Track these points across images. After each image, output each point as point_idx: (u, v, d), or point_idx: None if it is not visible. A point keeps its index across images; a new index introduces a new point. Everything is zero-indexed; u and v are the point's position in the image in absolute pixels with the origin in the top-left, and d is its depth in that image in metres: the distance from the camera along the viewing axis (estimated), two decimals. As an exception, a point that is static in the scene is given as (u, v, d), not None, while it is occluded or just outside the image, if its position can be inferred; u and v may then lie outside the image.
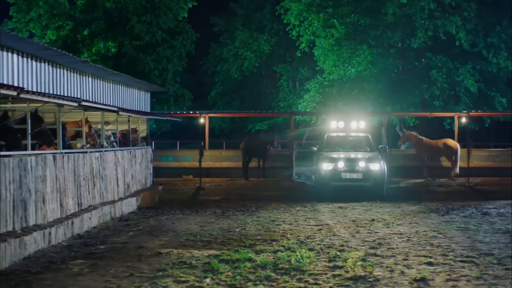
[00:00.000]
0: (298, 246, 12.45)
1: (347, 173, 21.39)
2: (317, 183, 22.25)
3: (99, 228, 15.45)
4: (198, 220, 16.81)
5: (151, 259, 11.35)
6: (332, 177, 21.51)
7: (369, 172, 21.44)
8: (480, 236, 13.85)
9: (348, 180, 21.43)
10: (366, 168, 21.44)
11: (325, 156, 22.24)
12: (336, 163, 21.59)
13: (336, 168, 21.51)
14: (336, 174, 21.47)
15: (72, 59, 16.28)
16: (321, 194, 21.51)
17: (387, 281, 9.58)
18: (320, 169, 21.81)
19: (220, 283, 9.55)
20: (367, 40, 35.36)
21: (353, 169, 21.44)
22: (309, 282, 9.56)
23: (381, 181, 21.56)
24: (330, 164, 21.63)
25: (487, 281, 9.64)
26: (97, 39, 34.93)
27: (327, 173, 21.55)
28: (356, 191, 21.80)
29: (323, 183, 21.69)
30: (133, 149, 20.75)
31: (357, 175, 21.37)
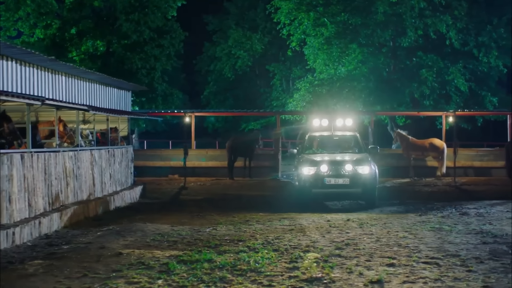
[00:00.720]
0: (263, 247, 12.29)
1: (331, 178, 18.70)
2: (297, 191, 19.54)
3: (69, 227, 15.30)
4: (172, 220, 16.68)
5: (110, 259, 11.19)
6: (314, 183, 18.72)
7: (358, 177, 18.76)
8: (452, 237, 13.67)
9: (333, 187, 18.68)
10: (354, 172, 18.77)
11: (306, 159, 19.48)
12: (319, 167, 18.82)
13: (319, 172, 18.76)
14: (318, 180, 18.71)
15: (40, 58, 16.10)
16: (301, 204, 18.96)
17: (342, 283, 9.41)
18: (300, 174, 19.18)
19: (172, 284, 9.40)
20: (357, 39, 35.20)
21: (338, 173, 18.75)
22: (263, 284, 9.40)
23: (371, 187, 19.01)
24: (312, 168, 18.86)
25: (445, 283, 9.46)
26: (85, 38, 34.77)
27: (308, 179, 18.78)
28: (343, 199, 20.04)
29: (304, 190, 18.92)
30: (112, 148, 20.56)
31: (343, 180, 18.71)
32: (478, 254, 11.62)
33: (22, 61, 16.01)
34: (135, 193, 21.75)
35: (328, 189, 18.69)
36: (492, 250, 11.98)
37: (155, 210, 18.82)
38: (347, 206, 19.83)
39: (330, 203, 20.10)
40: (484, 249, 12.15)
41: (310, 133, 21.59)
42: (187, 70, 59.74)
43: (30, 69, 16.40)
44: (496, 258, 11.24)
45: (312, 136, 21.55)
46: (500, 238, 13.40)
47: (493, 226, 15.19)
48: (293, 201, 19.65)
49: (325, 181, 18.70)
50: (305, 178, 18.84)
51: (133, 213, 18.25)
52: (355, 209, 18.77)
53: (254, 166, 28.23)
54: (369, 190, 18.91)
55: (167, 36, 36.15)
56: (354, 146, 21.13)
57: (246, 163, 28.10)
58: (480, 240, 13.14)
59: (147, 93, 35.56)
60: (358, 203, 19.87)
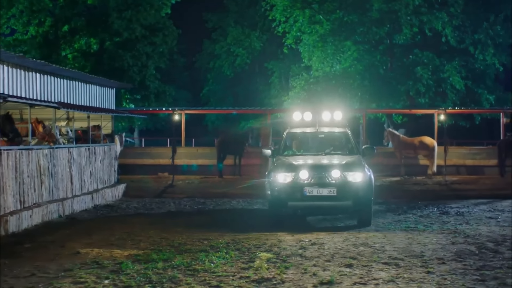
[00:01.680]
0: (226, 246, 12.09)
1: (313, 188, 14.44)
2: (269, 204, 15.18)
3: (40, 226, 15.17)
4: (147, 219, 16.53)
5: (65, 259, 11.05)
6: (290, 195, 14.50)
7: (348, 186, 14.43)
8: (423, 236, 13.48)
9: (315, 199, 14.46)
10: (343, 180, 14.46)
11: (281, 163, 15.21)
12: (297, 173, 14.52)
13: (297, 180, 14.48)
14: (296, 190, 14.46)
15: (8, 55, 15.95)
16: (276, 221, 15.10)
17: (291, 284, 9.23)
18: (273, 182, 14.68)
19: (118, 284, 9.25)
20: (352, 36, 34.91)
21: (322, 181, 14.46)
22: (210, 284, 9.22)
23: (365, 200, 14.66)
24: (288, 175, 14.58)
25: (397, 284, 9.27)
26: (78, 36, 34.65)
27: (283, 189, 14.53)
28: (329, 214, 16.47)
29: (277, 203, 14.73)
30: (93, 146, 20.42)
31: (328, 190, 14.39)
32: (443, 254, 11.43)
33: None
34: (118, 191, 21.61)
35: (308, 201, 14.50)
36: (459, 251, 11.78)
37: (132, 209, 18.67)
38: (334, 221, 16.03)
39: (312, 219, 16.31)
40: (451, 249, 11.96)
41: (289, 130, 17.04)
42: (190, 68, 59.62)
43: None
44: (460, 259, 11.05)
45: (291, 133, 17.08)
46: (472, 238, 13.20)
47: (469, 226, 15.00)
48: (267, 215, 15.79)
49: (305, 191, 14.43)
50: (280, 188, 14.55)
51: (109, 211, 18.12)
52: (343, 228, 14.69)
53: (244, 164, 28.00)
54: (362, 203, 14.65)
55: (159, 34, 35.95)
56: (344, 146, 16.85)
57: (236, 161, 27.88)
58: (450, 241, 12.95)
59: (139, 90, 35.44)
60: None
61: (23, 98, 16.08)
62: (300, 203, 14.72)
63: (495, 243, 12.67)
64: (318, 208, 15.44)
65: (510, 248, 12.13)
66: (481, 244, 12.53)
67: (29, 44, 33.27)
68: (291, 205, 14.74)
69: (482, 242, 12.78)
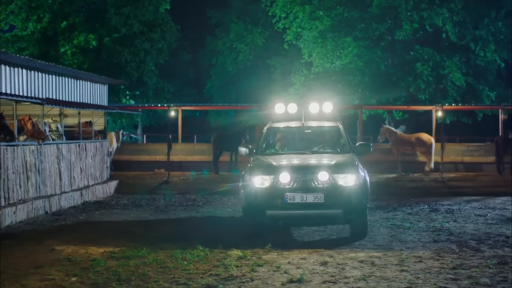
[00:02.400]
0: (204, 244, 11.96)
1: (296, 194, 12.10)
2: (245, 213, 12.87)
3: (24, 222, 15.11)
4: (132, 215, 16.50)
5: (39, 256, 10.98)
6: (268, 202, 12.17)
7: (338, 191, 12.18)
8: (406, 234, 13.36)
9: (298, 207, 12.11)
10: (332, 184, 12.19)
11: (259, 164, 12.90)
12: (277, 176, 12.19)
13: (277, 184, 12.17)
14: (276, 196, 12.15)
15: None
16: (253, 233, 12.75)
17: (259, 282, 9.13)
18: (248, 186, 12.43)
19: (85, 281, 9.17)
20: (352, 32, 34.72)
21: (307, 186, 12.17)
22: (178, 282, 9.13)
23: (359, 207, 12.42)
24: (266, 178, 12.27)
25: (368, 283, 9.15)
26: (77, 32, 34.62)
27: (259, 195, 12.22)
28: (317, 224, 13.66)
29: (253, 212, 12.41)
30: (84, 142, 20.35)
31: (314, 196, 12.09)
32: (422, 253, 11.30)
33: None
34: (109, 188, 21.55)
35: (290, 210, 12.19)
36: (439, 249, 11.65)
37: (120, 205, 18.60)
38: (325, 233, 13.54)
39: (296, 231, 13.62)
40: (431, 247, 11.83)
41: (270, 124, 14.57)
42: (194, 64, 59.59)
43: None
44: (439, 257, 10.93)
45: (272, 128, 14.62)
46: (455, 236, 13.06)
47: (456, 224, 14.85)
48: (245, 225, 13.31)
49: (286, 198, 12.08)
50: (256, 194, 12.25)
51: (97, 208, 18.04)
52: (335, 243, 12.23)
53: (241, 160, 27.84)
54: (355, 212, 12.41)
55: (157, 30, 35.88)
56: (335, 143, 14.45)
57: (232, 157, 27.77)
58: (433, 238, 12.82)
59: (137, 87, 35.41)
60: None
61: (8, 94, 16.00)
62: (280, 212, 12.30)
63: (478, 241, 12.52)
64: (302, 218, 12.60)
65: (492, 246, 11.99)
66: (463, 242, 12.39)
67: (27, 40, 33.30)
68: (269, 214, 12.23)
69: (465, 240, 12.64)
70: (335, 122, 14.57)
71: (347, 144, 14.02)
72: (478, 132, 41.59)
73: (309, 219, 12.73)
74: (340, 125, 14.51)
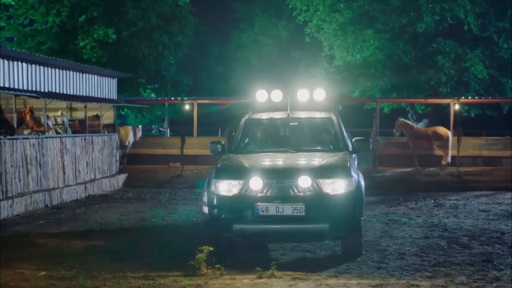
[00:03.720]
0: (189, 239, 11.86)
1: (269, 205, 9.67)
2: (208, 227, 10.30)
3: (21, 216, 15.12)
4: (130, 209, 16.45)
5: (19, 250, 10.97)
6: (236, 214, 9.79)
7: (323, 201, 9.75)
8: (399, 230, 13.11)
9: (273, 220, 9.69)
10: (316, 192, 9.76)
11: (227, 165, 10.51)
12: (246, 181, 9.81)
13: (246, 192, 9.80)
14: (245, 207, 9.75)
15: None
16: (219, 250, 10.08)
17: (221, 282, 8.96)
18: (211, 194, 10.02)
19: (53, 275, 9.13)
20: (373, 25, 34.31)
21: (284, 194, 9.75)
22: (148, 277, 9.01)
23: (351, 221, 9.97)
24: (234, 183, 9.89)
25: (338, 279, 8.98)
26: (97, 26, 34.71)
27: (225, 205, 9.86)
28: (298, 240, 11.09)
29: (218, 226, 10.01)
30: (90, 135, 20.36)
31: (293, 208, 9.64)
32: (407, 249, 11.09)
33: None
34: (117, 181, 21.55)
35: (263, 224, 9.73)
36: (427, 246, 11.43)
37: (123, 199, 18.60)
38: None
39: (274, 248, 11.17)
40: (420, 244, 11.61)
41: (248, 116, 12.08)
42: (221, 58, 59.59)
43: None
44: (423, 254, 10.72)
45: (251, 120, 12.02)
46: (449, 232, 12.79)
47: (455, 219, 14.55)
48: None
49: (258, 209, 9.66)
50: (221, 203, 9.90)
51: (99, 201, 18.03)
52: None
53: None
54: (345, 227, 9.96)
55: (175, 23, 35.80)
56: (327, 138, 11.76)
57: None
58: (425, 234, 12.56)
59: (155, 80, 35.44)
60: None
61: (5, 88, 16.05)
62: (250, 227, 9.75)
63: (471, 237, 12.23)
64: (278, 235, 10.01)
65: (483, 243, 11.70)
66: (455, 238, 12.12)
67: (46, 35, 33.46)
68: (237, 229, 9.71)
69: (458, 236, 12.36)
70: (328, 113, 11.98)
71: (341, 139, 11.49)
72: (505, 126, 40.89)
73: (287, 236, 10.15)
74: (334, 116, 11.93)
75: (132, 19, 33.61)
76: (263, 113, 12.04)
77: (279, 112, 11.95)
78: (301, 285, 8.68)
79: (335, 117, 11.94)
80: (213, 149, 11.40)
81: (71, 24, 33.95)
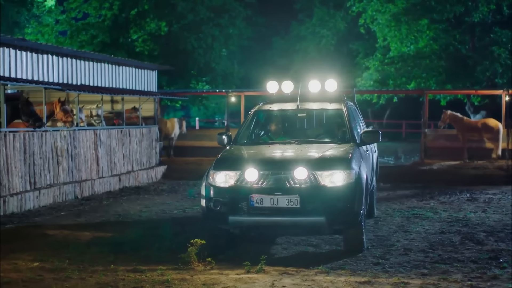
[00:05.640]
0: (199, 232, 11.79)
1: (264, 196, 9.58)
2: (204, 219, 10.21)
3: (48, 207, 15.33)
4: (157, 200, 16.52)
5: (26, 240, 11.12)
6: (231, 206, 9.72)
7: (319, 193, 9.59)
8: (417, 224, 12.76)
9: (268, 212, 9.62)
10: (312, 184, 9.61)
11: (226, 156, 10.53)
12: (242, 173, 9.76)
13: (242, 183, 9.74)
14: (240, 199, 9.68)
15: (9, 38, 16.28)
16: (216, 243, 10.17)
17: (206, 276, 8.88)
18: (208, 185, 9.96)
19: (45, 267, 9.20)
20: (428, 15, 33.58)
21: (279, 185, 9.64)
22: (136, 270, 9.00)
23: (348, 214, 9.70)
24: (231, 175, 9.83)
25: (328, 275, 8.77)
26: (149, 19, 34.99)
27: (221, 196, 9.79)
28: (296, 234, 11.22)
29: (214, 218, 9.92)
30: (127, 128, 20.54)
31: (288, 200, 9.53)
32: (415, 245, 10.78)
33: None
34: (156, 173, 21.68)
35: (257, 216, 9.68)
36: (438, 241, 11.09)
37: (156, 191, 18.72)
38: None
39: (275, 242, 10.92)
40: (432, 239, 11.28)
41: (258, 107, 12.13)
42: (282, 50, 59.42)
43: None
44: (430, 250, 10.41)
45: (260, 112, 12.18)
46: (468, 228, 12.36)
47: (482, 214, 14.07)
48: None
49: (253, 201, 9.59)
50: (217, 195, 9.83)
51: (131, 193, 18.16)
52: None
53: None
54: (342, 220, 9.79)
55: (225, 15, 35.77)
56: (337, 130, 11.89)
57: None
58: (443, 230, 12.19)
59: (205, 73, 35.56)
60: None
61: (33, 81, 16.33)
62: (245, 219, 9.70)
63: (489, 233, 11.79)
64: (273, 227, 10.17)
65: (499, 239, 11.25)
66: (471, 234, 11.70)
67: (98, 28, 33.96)
68: (232, 221, 9.70)
69: (476, 232, 11.92)
70: (339, 104, 11.78)
71: (349, 131, 11.24)
72: None
73: (283, 228, 10.21)
74: (345, 107, 11.66)
75: (182, 11, 33.76)
76: (272, 105, 12.08)
77: (289, 104, 11.94)
78: (286, 281, 8.48)
79: (346, 109, 11.70)
80: (220, 141, 11.45)
81: (123, 18, 34.35)
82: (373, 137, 11.14)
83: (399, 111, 49.41)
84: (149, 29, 35.27)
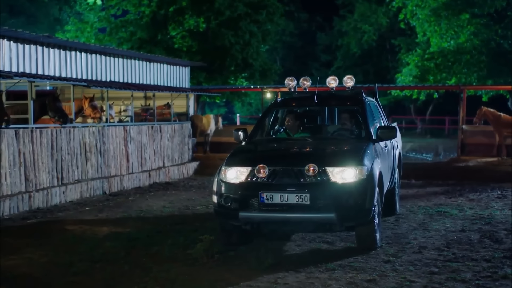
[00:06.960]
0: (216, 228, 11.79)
1: (273, 193, 9.47)
2: (216, 215, 10.27)
3: (75, 202, 15.48)
4: (183, 196, 16.57)
5: (44, 235, 11.25)
6: (242, 202, 9.64)
7: (329, 190, 9.43)
8: (438, 222, 12.56)
9: (277, 208, 9.49)
10: (322, 180, 9.48)
11: (238, 152, 10.66)
12: (253, 169, 9.70)
13: (253, 179, 9.69)
14: (250, 195, 9.61)
15: (36, 36, 16.50)
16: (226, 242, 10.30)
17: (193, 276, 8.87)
18: (221, 181, 9.97)
19: (54, 261, 9.33)
20: (469, 9, 33.11)
21: (289, 182, 9.55)
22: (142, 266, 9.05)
23: (360, 211, 9.53)
24: (242, 171, 9.78)
25: (335, 272, 8.69)
26: (188, 15, 35.13)
27: (232, 192, 9.75)
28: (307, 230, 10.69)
29: (225, 214, 9.93)
30: (158, 124, 20.68)
31: (297, 196, 9.39)
32: (432, 243, 10.59)
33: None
34: (187, 169, 21.78)
35: (268, 213, 9.55)
36: (455, 239, 10.88)
37: (186, 186, 18.81)
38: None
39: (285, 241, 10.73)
40: (450, 237, 11.08)
41: (274, 103, 12.27)
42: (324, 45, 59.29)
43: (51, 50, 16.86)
44: (445, 248, 10.20)
45: (276, 108, 12.23)
46: (490, 226, 12.14)
47: (508, 213, 13.77)
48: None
49: (262, 197, 9.49)
50: (228, 191, 9.81)
51: (159, 189, 18.26)
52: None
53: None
54: (353, 216, 9.61)
55: (263, 12, 35.67)
56: (351, 126, 11.74)
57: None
58: (463, 227, 11.99)
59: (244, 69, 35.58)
60: None
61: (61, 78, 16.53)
62: (255, 215, 9.58)
63: (510, 231, 11.54)
64: (283, 224, 9.85)
65: (519, 238, 11.01)
66: (492, 232, 11.45)
67: (136, 25, 34.24)
68: (243, 217, 9.60)
69: (497, 230, 11.68)
70: (355, 101, 11.74)
71: (364, 128, 11.18)
72: None
73: (293, 225, 9.92)
74: (362, 103, 11.54)
75: (219, 8, 33.83)
76: (289, 100, 12.24)
77: (306, 100, 12.07)
78: (290, 278, 8.43)
79: (363, 104, 11.57)
80: (236, 136, 11.40)
81: (162, 15, 34.58)
82: (389, 133, 10.95)
83: (442, 107, 48.80)
84: (188, 26, 35.40)
